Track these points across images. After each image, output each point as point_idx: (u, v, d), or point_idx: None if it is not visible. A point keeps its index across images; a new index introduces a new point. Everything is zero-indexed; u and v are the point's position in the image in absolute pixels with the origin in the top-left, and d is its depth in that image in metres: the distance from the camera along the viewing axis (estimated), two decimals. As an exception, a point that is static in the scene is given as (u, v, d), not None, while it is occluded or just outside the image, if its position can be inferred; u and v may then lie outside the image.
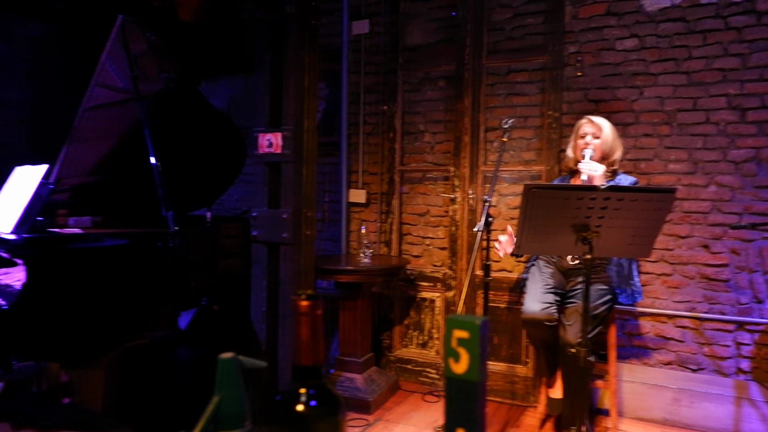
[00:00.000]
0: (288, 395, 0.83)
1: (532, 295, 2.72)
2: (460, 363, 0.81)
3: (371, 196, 3.76)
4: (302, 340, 0.83)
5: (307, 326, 0.83)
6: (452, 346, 0.82)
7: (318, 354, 0.85)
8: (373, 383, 3.23)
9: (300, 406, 0.82)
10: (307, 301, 0.84)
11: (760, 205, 2.90)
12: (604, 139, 2.73)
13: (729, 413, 2.95)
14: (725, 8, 2.93)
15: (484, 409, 0.85)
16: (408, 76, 3.65)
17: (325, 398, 0.86)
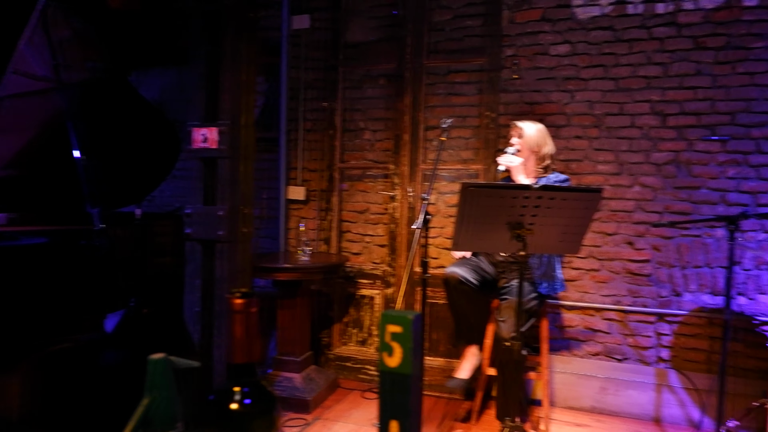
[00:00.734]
0: (222, 394, 0.82)
1: (459, 263, 2.85)
2: (394, 357, 0.82)
3: (311, 194, 3.73)
4: (236, 338, 0.82)
5: (242, 324, 0.82)
6: (386, 341, 0.83)
7: (252, 352, 0.84)
8: (312, 382, 3.20)
9: (234, 404, 0.80)
10: (242, 299, 0.82)
11: (678, 204, 3.09)
12: (526, 138, 2.85)
13: (651, 400, 3.13)
14: (649, 19, 3.10)
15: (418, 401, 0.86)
16: (349, 73, 3.65)
17: (259, 396, 0.85)
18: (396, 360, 0.82)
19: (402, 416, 0.81)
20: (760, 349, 2.93)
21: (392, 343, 0.83)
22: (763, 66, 2.94)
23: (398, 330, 0.82)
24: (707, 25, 3.01)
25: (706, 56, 3.02)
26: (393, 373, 0.82)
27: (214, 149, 2.55)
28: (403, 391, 0.81)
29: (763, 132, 2.95)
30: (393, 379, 0.82)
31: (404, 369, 0.81)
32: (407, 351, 0.81)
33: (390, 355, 0.83)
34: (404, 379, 0.81)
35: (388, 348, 0.84)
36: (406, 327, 0.81)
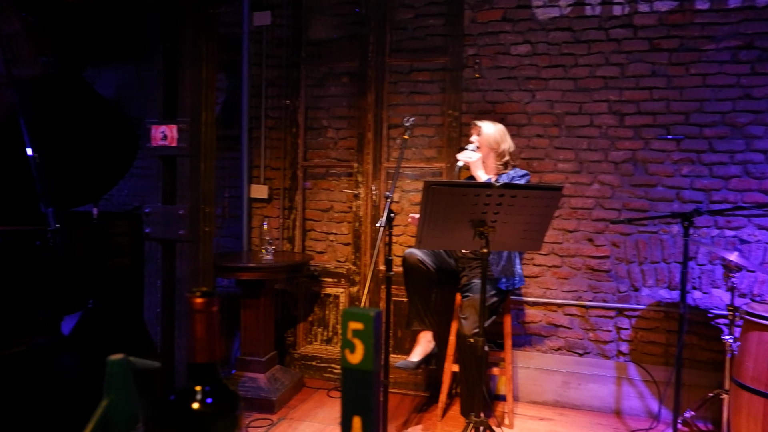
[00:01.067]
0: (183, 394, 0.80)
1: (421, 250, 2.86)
2: (356, 354, 0.82)
3: (274, 192, 3.69)
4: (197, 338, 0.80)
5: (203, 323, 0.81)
6: (348, 338, 0.83)
7: (214, 351, 0.83)
8: (277, 382, 3.17)
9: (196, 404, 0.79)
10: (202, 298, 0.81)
11: (636, 201, 3.18)
12: (485, 135, 2.90)
13: (611, 392, 3.21)
14: (607, 21, 3.17)
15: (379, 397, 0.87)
16: (311, 70, 3.62)
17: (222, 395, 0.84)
18: (358, 357, 0.83)
19: (364, 412, 0.81)
20: (714, 342, 3.03)
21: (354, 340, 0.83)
22: (715, 68, 3.05)
23: (360, 327, 0.83)
24: (662, 27, 3.10)
25: (661, 57, 3.11)
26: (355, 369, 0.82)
27: (174, 147, 2.50)
28: (365, 387, 0.81)
29: (716, 131, 3.06)
30: (355, 375, 0.82)
31: (366, 365, 0.81)
32: (369, 348, 0.81)
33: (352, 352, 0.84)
34: (366, 376, 0.81)
35: (350, 345, 0.84)
36: (368, 324, 0.81)
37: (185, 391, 0.79)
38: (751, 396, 2.19)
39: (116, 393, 0.81)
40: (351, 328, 0.84)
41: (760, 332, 2.19)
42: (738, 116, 3.03)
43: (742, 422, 2.24)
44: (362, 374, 0.81)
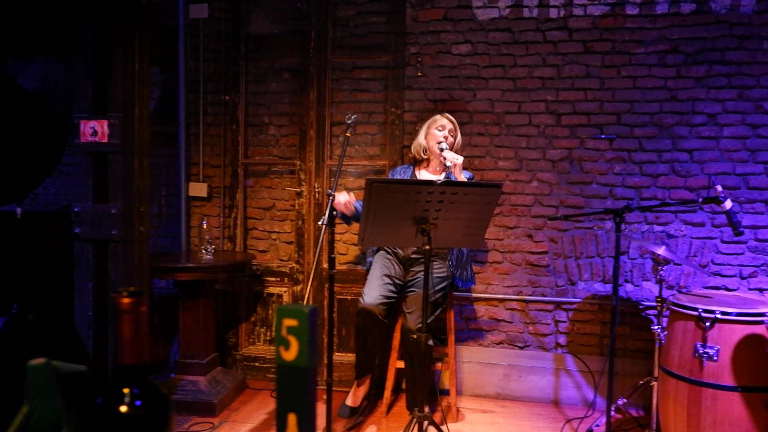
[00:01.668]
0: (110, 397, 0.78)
1: (370, 286, 2.84)
2: (290, 350, 0.81)
3: (213, 190, 3.58)
4: (125, 339, 0.78)
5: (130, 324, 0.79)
6: (282, 335, 0.82)
7: (143, 352, 0.81)
8: (218, 384, 3.09)
9: (124, 407, 0.77)
10: (130, 298, 0.79)
11: (572, 198, 3.29)
12: (458, 140, 2.98)
13: (550, 383, 3.31)
14: (543, 23, 3.27)
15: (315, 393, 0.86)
16: (251, 66, 3.54)
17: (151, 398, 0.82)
18: (293, 353, 0.82)
19: (300, 408, 0.81)
20: (645, 332, 3.18)
21: (288, 337, 0.83)
22: (644, 71, 3.19)
23: (294, 324, 0.82)
24: (595, 30, 3.22)
25: (594, 60, 3.23)
26: (290, 366, 0.81)
27: (105, 143, 2.39)
28: (301, 384, 0.81)
29: (645, 131, 3.21)
30: (290, 372, 0.81)
31: (301, 362, 0.80)
32: (303, 344, 0.81)
33: (287, 349, 0.83)
34: (301, 372, 0.81)
35: (285, 342, 0.83)
36: (302, 320, 0.81)
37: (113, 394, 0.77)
38: (677, 382, 2.30)
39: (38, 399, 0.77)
40: (285, 325, 0.83)
41: (685, 321, 2.31)
42: (665, 117, 3.18)
43: (669, 407, 2.36)
44: (297, 371, 0.81)
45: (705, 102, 3.15)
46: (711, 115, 3.15)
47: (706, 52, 3.13)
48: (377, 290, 2.81)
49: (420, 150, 3.02)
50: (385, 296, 2.80)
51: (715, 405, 2.20)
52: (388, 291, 2.84)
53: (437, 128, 2.95)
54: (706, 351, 2.22)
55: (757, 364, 2.19)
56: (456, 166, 2.73)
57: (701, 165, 3.17)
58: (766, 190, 3.13)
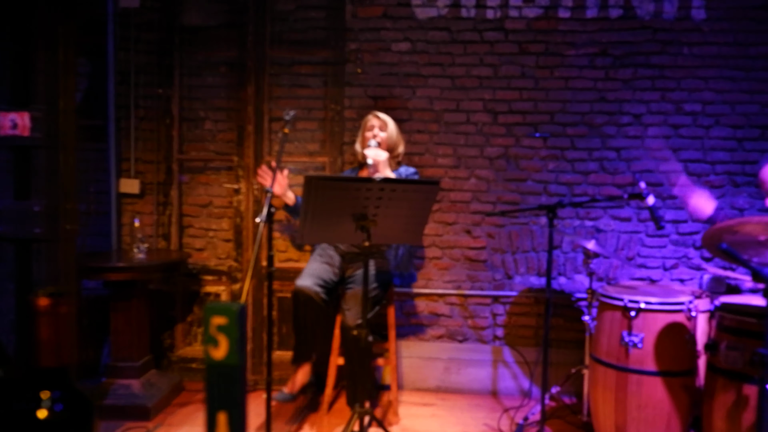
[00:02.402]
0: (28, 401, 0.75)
1: (307, 269, 2.85)
2: (220, 349, 0.80)
3: (147, 187, 3.45)
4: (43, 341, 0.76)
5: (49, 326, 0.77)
6: (211, 333, 0.81)
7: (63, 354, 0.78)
8: (153, 387, 2.99)
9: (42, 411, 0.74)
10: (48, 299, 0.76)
11: (509, 195, 3.38)
12: (390, 133, 2.96)
13: (488, 375, 3.40)
14: (481, 23, 3.34)
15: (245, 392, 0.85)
16: (186, 59, 3.42)
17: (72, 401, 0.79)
18: (222, 352, 0.81)
19: (230, 407, 0.80)
20: (577, 322, 3.31)
21: (217, 335, 0.81)
22: (575, 72, 3.32)
23: (223, 322, 0.81)
24: (529, 32, 3.32)
25: (529, 60, 3.33)
26: (219, 365, 0.80)
27: (27, 137, 2.26)
28: (231, 382, 0.80)
29: (577, 130, 3.34)
30: (219, 371, 0.80)
31: (231, 360, 0.79)
32: (233, 342, 0.80)
33: (216, 348, 0.81)
34: (232, 371, 0.79)
35: (213, 340, 0.81)
36: (232, 318, 0.79)
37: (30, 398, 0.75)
38: (606, 369, 2.42)
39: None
40: (214, 323, 0.82)
41: (612, 312, 2.42)
42: (595, 117, 3.33)
43: (599, 393, 2.47)
44: (227, 369, 0.79)
45: (631, 103, 3.31)
46: (636, 116, 3.32)
47: (632, 56, 3.29)
48: (315, 272, 2.82)
49: (359, 155, 3.04)
50: (323, 279, 2.80)
51: (640, 389, 2.32)
52: (327, 275, 2.84)
53: (367, 130, 2.97)
54: (631, 339, 2.34)
55: (677, 350, 2.32)
56: (378, 164, 2.69)
57: (628, 163, 3.33)
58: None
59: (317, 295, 2.74)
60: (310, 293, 2.73)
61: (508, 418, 3.01)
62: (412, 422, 2.95)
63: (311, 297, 2.73)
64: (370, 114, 3.01)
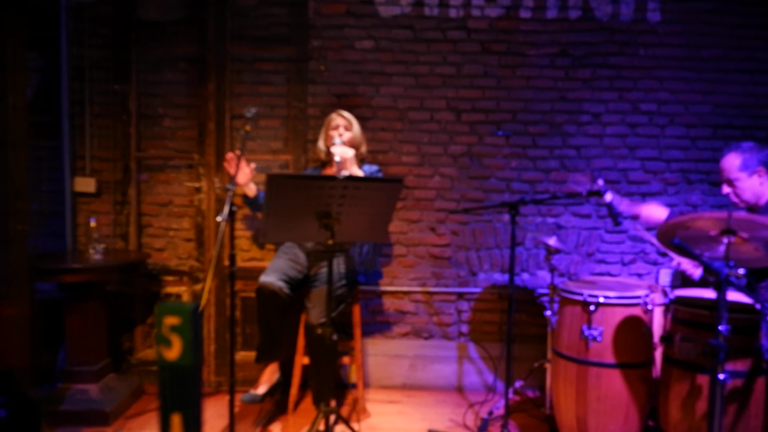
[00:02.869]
0: None
1: (272, 267, 2.81)
2: (173, 349, 0.78)
3: (103, 185, 3.34)
4: None
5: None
6: (163, 334, 0.79)
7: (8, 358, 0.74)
8: (112, 391, 2.91)
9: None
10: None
11: (472, 192, 3.41)
12: (354, 132, 2.97)
13: (454, 371, 3.43)
14: (444, 22, 3.35)
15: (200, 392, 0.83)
16: (144, 54, 3.33)
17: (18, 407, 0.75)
18: (175, 352, 0.79)
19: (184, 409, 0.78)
20: (539, 318, 3.37)
21: (170, 336, 0.79)
22: (537, 71, 3.37)
23: (176, 321, 0.79)
24: (492, 31, 3.35)
25: (491, 60, 3.37)
26: (173, 366, 0.78)
27: (-27, 133, 2.17)
28: (185, 383, 0.78)
29: (538, 129, 3.39)
30: (173, 372, 0.78)
31: (184, 361, 0.77)
32: (187, 342, 0.78)
33: (169, 348, 0.79)
34: (186, 371, 0.77)
35: (166, 341, 0.79)
36: (185, 318, 0.78)
37: None
38: (567, 363, 2.46)
39: None
40: (166, 323, 0.80)
41: (572, 306, 2.47)
42: (556, 116, 3.39)
43: (560, 386, 2.51)
44: (181, 370, 0.77)
45: (590, 102, 3.38)
46: (595, 115, 3.39)
47: (591, 56, 3.36)
48: (279, 268, 2.79)
49: (322, 154, 3.02)
50: (287, 275, 2.76)
51: (599, 382, 2.37)
52: (292, 272, 2.81)
53: (332, 129, 2.96)
54: (591, 332, 2.39)
55: (634, 343, 2.39)
56: (345, 161, 2.71)
57: (587, 161, 3.41)
58: (643, 184, 3.42)
59: (281, 290, 2.70)
60: (275, 288, 2.69)
61: (473, 413, 3.04)
62: (379, 420, 2.95)
63: (275, 292, 2.69)
64: (333, 113, 3.00)
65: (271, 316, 2.76)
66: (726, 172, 2.51)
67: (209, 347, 3.36)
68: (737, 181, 2.48)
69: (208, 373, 3.36)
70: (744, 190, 2.48)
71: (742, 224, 1.89)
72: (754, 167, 2.45)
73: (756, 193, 2.47)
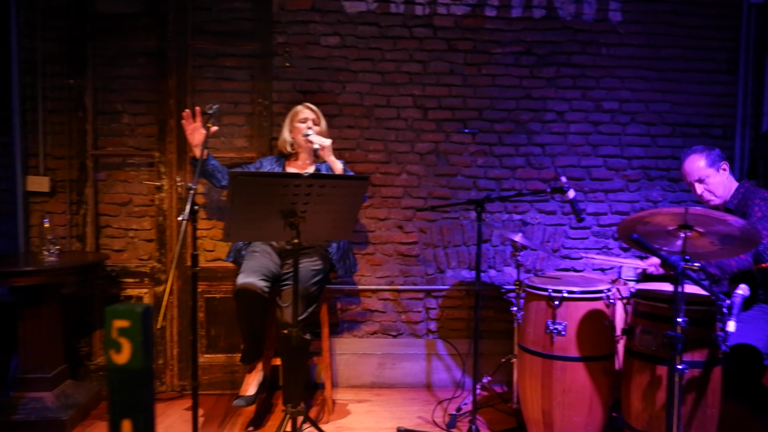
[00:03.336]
0: None
1: (250, 267, 2.70)
2: (123, 353, 0.75)
3: (58, 184, 3.22)
4: None
5: None
6: (113, 337, 0.76)
7: None
8: (69, 399, 2.80)
9: None
10: None
11: (439, 190, 3.41)
12: (322, 127, 2.96)
13: (422, 368, 3.43)
14: (410, 19, 3.34)
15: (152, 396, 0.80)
16: (101, 48, 3.21)
17: None
18: (125, 356, 0.75)
19: (135, 414, 0.74)
20: (506, 314, 3.40)
21: (120, 339, 0.75)
22: (502, 70, 3.39)
23: (126, 325, 0.75)
24: (458, 29, 3.36)
25: (457, 57, 3.38)
26: (122, 370, 0.74)
27: None
28: (135, 387, 0.74)
29: (504, 126, 3.41)
30: (123, 376, 0.74)
31: (134, 364, 0.74)
32: (137, 346, 0.74)
33: (118, 352, 0.75)
34: (135, 375, 0.74)
35: (116, 344, 0.76)
36: (135, 321, 0.74)
37: None
38: (532, 357, 2.48)
39: None
40: (116, 326, 0.76)
41: (538, 302, 2.50)
42: (521, 114, 3.42)
43: (526, 380, 2.53)
44: (131, 374, 0.75)
45: (554, 101, 3.42)
46: (559, 113, 3.43)
47: (555, 55, 3.40)
48: (257, 267, 2.68)
49: (286, 145, 2.97)
50: (265, 274, 2.67)
51: (564, 375, 2.40)
52: (270, 267, 2.74)
53: (300, 121, 2.92)
54: (555, 327, 2.41)
55: (597, 336, 2.42)
56: (324, 149, 2.73)
57: (552, 158, 3.45)
58: (606, 181, 3.48)
59: (263, 290, 2.61)
60: (256, 289, 2.58)
61: (442, 409, 3.05)
62: (347, 419, 2.93)
63: (258, 293, 2.59)
64: (300, 105, 2.97)
65: (254, 317, 2.67)
66: (695, 172, 2.59)
67: (172, 350, 3.27)
68: (708, 178, 2.57)
69: (171, 376, 3.27)
70: (716, 185, 2.58)
71: (698, 219, 1.93)
72: (718, 162, 2.58)
73: (726, 186, 2.59)
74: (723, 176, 2.58)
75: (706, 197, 2.61)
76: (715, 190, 2.59)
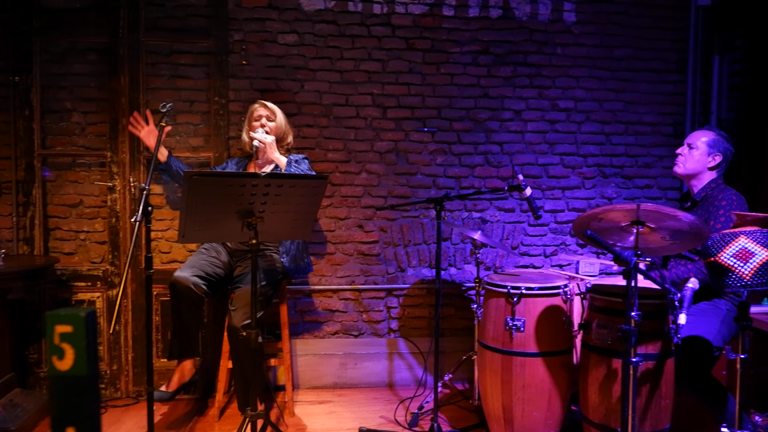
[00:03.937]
0: None
1: (189, 263, 2.73)
2: (65, 359, 0.73)
3: (3, 185, 3.07)
4: None
5: None
6: (55, 343, 0.73)
7: None
8: (17, 408, 2.69)
9: None
10: None
11: (399, 189, 3.42)
12: (278, 123, 2.92)
13: (384, 368, 3.43)
14: (368, 18, 3.34)
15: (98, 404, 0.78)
16: (48, 43, 3.09)
17: None
18: (68, 362, 0.72)
19: (79, 421, 0.72)
20: (467, 311, 3.43)
21: (62, 345, 0.73)
22: (460, 69, 3.43)
23: (68, 330, 0.72)
24: (416, 28, 3.37)
25: (416, 56, 3.39)
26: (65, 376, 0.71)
27: None
28: (79, 394, 0.72)
29: (463, 125, 3.44)
30: (66, 383, 0.72)
31: (78, 371, 0.71)
32: (80, 351, 0.72)
33: (61, 358, 0.73)
34: (79, 382, 0.71)
35: (58, 350, 0.73)
36: (78, 326, 0.71)
37: None
38: (492, 354, 2.51)
39: None
40: (58, 332, 0.74)
41: (497, 299, 2.53)
42: (479, 112, 3.45)
43: (487, 377, 2.56)
44: (74, 380, 0.72)
45: (512, 99, 3.48)
46: (517, 112, 3.49)
47: (511, 55, 3.46)
48: (195, 264, 2.70)
49: (246, 146, 2.95)
50: (204, 271, 2.68)
51: (523, 371, 2.44)
52: (211, 268, 2.72)
53: (254, 120, 2.90)
54: (514, 323, 2.45)
55: (555, 331, 2.47)
56: (267, 146, 2.75)
57: (510, 156, 3.50)
58: (562, 179, 3.55)
59: (197, 286, 2.61)
60: (188, 284, 2.59)
61: (404, 408, 3.05)
62: (309, 421, 2.90)
63: (189, 288, 2.60)
64: (256, 103, 2.93)
65: (183, 312, 2.67)
66: (695, 138, 2.63)
67: (127, 355, 3.18)
68: (694, 149, 2.60)
69: (126, 382, 3.18)
70: (694, 159, 2.60)
71: (650, 215, 1.99)
72: (715, 150, 2.58)
73: (698, 169, 2.60)
74: (705, 160, 2.59)
75: (678, 160, 2.65)
76: (688, 161, 2.61)
